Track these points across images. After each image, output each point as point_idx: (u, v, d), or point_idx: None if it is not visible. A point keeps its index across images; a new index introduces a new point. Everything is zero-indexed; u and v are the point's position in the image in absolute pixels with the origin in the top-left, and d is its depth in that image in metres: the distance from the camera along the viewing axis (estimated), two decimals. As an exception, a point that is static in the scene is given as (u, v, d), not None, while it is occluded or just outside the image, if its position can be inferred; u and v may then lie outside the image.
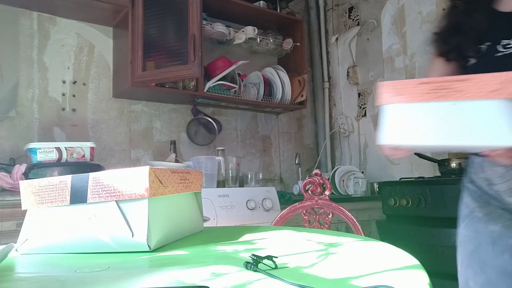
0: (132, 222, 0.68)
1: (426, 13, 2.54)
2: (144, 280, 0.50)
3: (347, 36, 3.07)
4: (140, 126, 2.35)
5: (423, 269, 0.49)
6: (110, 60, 2.27)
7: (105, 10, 2.07)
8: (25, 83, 2.01)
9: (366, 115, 2.93)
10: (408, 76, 2.64)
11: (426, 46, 1.18)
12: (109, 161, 2.19)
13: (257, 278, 0.47)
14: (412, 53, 2.62)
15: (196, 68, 2.01)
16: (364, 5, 2.97)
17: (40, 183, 0.74)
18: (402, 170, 2.64)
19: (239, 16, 2.59)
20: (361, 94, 2.97)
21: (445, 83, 0.68)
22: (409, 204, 1.76)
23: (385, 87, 0.73)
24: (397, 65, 2.71)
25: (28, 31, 2.03)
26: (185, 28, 2.05)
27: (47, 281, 0.53)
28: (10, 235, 1.43)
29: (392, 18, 2.75)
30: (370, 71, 2.91)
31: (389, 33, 2.77)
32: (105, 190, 0.70)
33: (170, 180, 0.76)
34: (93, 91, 2.21)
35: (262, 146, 2.86)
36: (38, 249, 0.73)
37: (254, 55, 2.80)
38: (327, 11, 3.25)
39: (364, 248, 0.64)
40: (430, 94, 0.68)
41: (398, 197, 1.81)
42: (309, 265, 0.54)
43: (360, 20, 2.99)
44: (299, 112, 3.06)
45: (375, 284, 0.43)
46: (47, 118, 2.05)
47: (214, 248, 0.70)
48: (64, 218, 0.72)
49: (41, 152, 1.68)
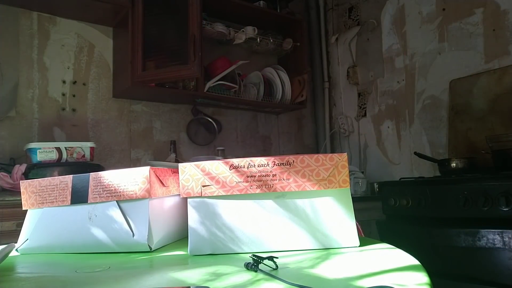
0: (133, 222, 0.68)
1: (426, 13, 2.54)
2: (145, 280, 0.50)
3: (347, 36, 3.07)
4: (140, 126, 2.35)
5: (423, 269, 0.49)
6: (110, 60, 2.27)
7: (105, 10, 2.07)
8: (25, 83, 2.01)
9: (366, 115, 2.93)
10: (408, 76, 2.64)
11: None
12: (109, 161, 2.19)
13: (258, 278, 0.47)
14: (412, 53, 2.62)
15: (196, 68, 2.01)
16: (364, 5, 2.97)
17: (41, 183, 0.74)
18: (402, 170, 2.64)
19: (239, 16, 2.59)
20: (361, 94, 2.97)
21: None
22: (409, 204, 1.76)
23: None
24: (397, 65, 2.71)
25: (28, 31, 2.03)
26: (185, 28, 2.05)
27: (47, 281, 0.53)
28: (11, 235, 1.43)
29: (392, 18, 2.75)
30: (370, 71, 2.91)
31: (389, 33, 2.77)
32: (106, 190, 0.70)
33: (171, 180, 0.76)
34: (93, 91, 2.21)
35: (262, 146, 2.86)
36: (38, 249, 0.73)
37: (254, 55, 2.80)
38: (327, 11, 3.25)
39: (364, 248, 0.64)
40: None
41: (398, 197, 1.81)
42: (309, 265, 0.54)
43: (360, 20, 2.99)
44: (299, 112, 3.06)
45: (375, 284, 0.43)
46: (47, 118, 2.05)
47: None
48: (65, 218, 0.72)
49: (41, 152, 1.68)
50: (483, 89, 2.21)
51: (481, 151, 1.97)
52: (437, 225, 1.64)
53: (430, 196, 1.68)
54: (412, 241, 1.69)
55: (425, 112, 2.54)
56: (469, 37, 2.32)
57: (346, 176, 0.65)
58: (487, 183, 1.51)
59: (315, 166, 0.64)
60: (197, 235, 0.64)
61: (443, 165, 2.02)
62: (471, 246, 1.50)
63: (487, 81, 2.20)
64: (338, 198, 0.65)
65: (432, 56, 2.50)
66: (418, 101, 2.58)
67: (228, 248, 0.64)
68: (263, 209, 0.65)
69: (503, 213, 1.44)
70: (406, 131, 2.65)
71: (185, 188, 0.65)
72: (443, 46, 2.44)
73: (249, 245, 0.64)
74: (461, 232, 1.53)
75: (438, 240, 1.62)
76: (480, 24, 2.28)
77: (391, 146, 2.75)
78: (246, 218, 0.65)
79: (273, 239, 0.64)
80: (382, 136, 2.81)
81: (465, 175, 1.85)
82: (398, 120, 2.71)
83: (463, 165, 1.93)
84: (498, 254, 1.43)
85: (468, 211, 1.53)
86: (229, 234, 0.64)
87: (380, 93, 2.83)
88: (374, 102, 2.87)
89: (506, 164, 1.77)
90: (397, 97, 2.72)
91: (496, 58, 2.20)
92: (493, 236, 1.45)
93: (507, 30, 2.17)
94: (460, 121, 2.28)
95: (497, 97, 2.13)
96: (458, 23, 2.37)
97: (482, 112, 2.19)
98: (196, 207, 0.65)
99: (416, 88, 2.60)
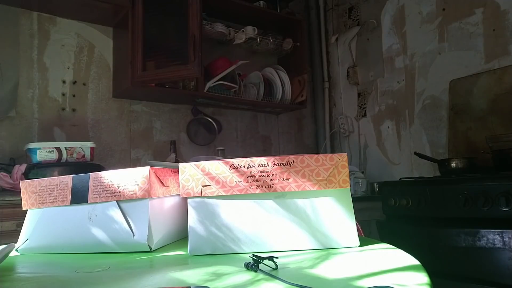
0: (133, 222, 0.68)
1: (426, 13, 2.54)
2: (145, 280, 0.50)
3: (347, 36, 3.07)
4: (140, 126, 2.35)
5: (423, 269, 0.49)
6: (110, 60, 2.27)
7: (105, 10, 2.07)
8: (25, 83, 2.01)
9: (366, 115, 2.93)
10: (408, 76, 2.64)
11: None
12: (109, 161, 2.19)
13: (258, 278, 0.47)
14: (412, 53, 2.62)
15: (196, 68, 2.01)
16: (364, 5, 2.97)
17: (41, 183, 0.74)
18: (402, 170, 2.64)
19: (239, 16, 2.59)
20: (361, 94, 2.97)
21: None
22: (409, 204, 1.76)
23: None
24: (397, 65, 2.71)
25: (28, 31, 2.03)
26: (185, 28, 2.05)
27: (47, 281, 0.53)
28: (11, 235, 1.44)
29: (392, 18, 2.75)
30: (370, 71, 2.91)
31: (389, 33, 2.77)
32: (106, 190, 0.70)
33: (171, 180, 0.76)
34: (93, 91, 2.21)
35: (262, 146, 2.86)
36: (38, 249, 0.73)
37: (254, 55, 2.80)
38: (327, 11, 3.25)
39: (364, 248, 0.64)
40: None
41: (398, 197, 1.81)
42: (309, 265, 0.54)
43: (360, 20, 2.99)
44: (299, 112, 3.06)
45: (375, 284, 0.43)
46: (47, 118, 2.05)
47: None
48: (65, 218, 0.72)
49: (41, 152, 1.68)
50: (483, 89, 2.21)
51: (481, 151, 1.97)
52: (437, 225, 1.64)
53: (430, 196, 1.68)
54: (412, 241, 1.69)
55: (425, 112, 2.54)
56: (469, 37, 2.32)
57: (346, 176, 0.65)
58: (487, 183, 1.51)
59: (315, 166, 0.64)
60: (197, 235, 0.64)
61: (443, 165, 2.02)
62: (471, 246, 1.50)
63: (487, 81, 2.20)
64: (338, 198, 0.65)
65: (432, 56, 2.50)
66: (418, 101, 2.58)
67: (228, 248, 0.64)
68: (263, 209, 0.65)
69: (503, 213, 1.44)
70: (406, 131, 2.65)
71: (185, 188, 0.65)
72: (443, 46, 2.44)
73: (249, 245, 0.64)
74: (461, 232, 1.53)
75: (438, 240, 1.61)
76: (480, 24, 2.28)
77: (391, 146, 2.75)
78: (246, 218, 0.65)
79: (273, 239, 0.64)
80: (382, 136, 2.81)
81: (465, 175, 1.85)
82: (398, 120, 2.71)
83: (463, 165, 1.93)
84: (498, 254, 1.43)
85: (468, 211, 1.53)
86: (229, 234, 0.64)
87: (380, 93, 2.83)
88: (374, 102, 2.87)
89: (506, 164, 1.77)
90: (397, 97, 2.72)
91: (496, 58, 2.20)
92: (493, 236, 1.45)
93: (507, 30, 2.17)
94: (460, 121, 2.28)
95: (497, 97, 2.13)
96: (458, 23, 2.37)
97: (482, 112, 2.19)
98: (196, 207, 0.65)
99: (416, 88, 2.60)
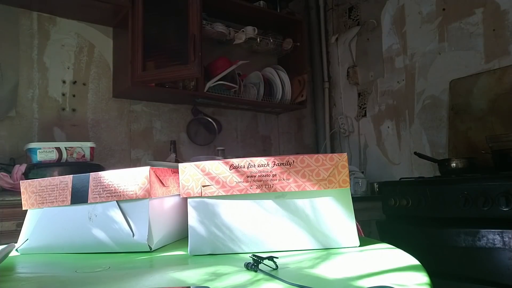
0: (133, 222, 0.68)
1: (426, 13, 2.54)
2: (145, 280, 0.50)
3: (347, 36, 3.07)
4: (140, 126, 2.35)
5: (423, 269, 0.49)
6: (110, 60, 2.27)
7: (105, 10, 2.07)
8: (25, 83, 2.01)
9: (366, 115, 2.93)
10: (408, 76, 2.64)
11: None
12: (109, 161, 2.19)
13: (258, 278, 0.47)
14: (412, 53, 2.62)
15: (196, 68, 2.01)
16: (364, 5, 2.97)
17: (41, 183, 0.74)
18: (402, 170, 2.64)
19: (239, 16, 2.59)
20: (361, 94, 2.97)
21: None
22: (409, 204, 1.76)
23: None
24: (397, 65, 2.71)
25: (28, 31, 2.03)
26: (185, 28, 2.05)
27: (47, 281, 0.53)
28: (11, 235, 1.44)
29: (392, 18, 2.75)
30: (370, 71, 2.91)
31: (389, 33, 2.77)
32: (106, 190, 0.70)
33: (171, 180, 0.76)
34: (93, 91, 2.21)
35: (262, 146, 2.86)
36: (38, 249, 0.73)
37: (254, 55, 2.80)
38: (327, 11, 3.25)
39: (364, 248, 0.64)
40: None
41: (398, 197, 1.81)
42: (309, 265, 0.54)
43: (360, 20, 2.99)
44: (299, 112, 3.06)
45: (375, 284, 0.43)
46: (47, 118, 2.05)
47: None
48: (65, 218, 0.72)
49: (41, 152, 1.68)
50: (483, 89, 2.21)
51: (481, 151, 1.97)
52: (437, 225, 1.64)
53: (430, 196, 1.68)
54: (412, 241, 1.69)
55: (425, 112, 2.54)
56: (469, 37, 2.32)
57: (346, 176, 0.65)
58: (487, 183, 1.51)
59: (315, 166, 0.64)
60: (197, 235, 0.64)
61: (443, 165, 2.02)
62: (471, 246, 1.50)
63: (487, 81, 2.20)
64: (338, 198, 0.65)
65: (432, 56, 2.50)
66: (418, 101, 2.58)
67: (228, 248, 0.64)
68: (263, 209, 0.65)
69: (503, 213, 1.44)
70: (406, 131, 2.65)
71: (185, 188, 0.65)
72: (443, 46, 2.44)
73: (249, 245, 0.64)
74: (461, 232, 1.53)
75: (438, 240, 1.61)
76: (480, 24, 2.28)
77: (391, 146, 2.75)
78: (246, 218, 0.65)
79: (273, 239, 0.64)
80: (382, 136, 2.81)
81: (465, 175, 1.85)
82: (398, 120, 2.71)
83: (463, 165, 1.93)
84: (498, 254, 1.43)
85: (468, 211, 1.53)
86: (229, 234, 0.64)
87: (380, 93, 2.83)
88: (374, 102, 2.87)
89: (506, 164, 1.77)
90: (397, 97, 2.72)
91: (496, 58, 2.20)
92: (493, 236, 1.45)
93: (507, 30, 2.17)
94: (460, 121, 2.28)
95: (497, 97, 2.13)
96: (458, 23, 2.37)
97: (482, 112, 2.19)
98: (196, 207, 0.65)
99: (416, 88, 2.60)
